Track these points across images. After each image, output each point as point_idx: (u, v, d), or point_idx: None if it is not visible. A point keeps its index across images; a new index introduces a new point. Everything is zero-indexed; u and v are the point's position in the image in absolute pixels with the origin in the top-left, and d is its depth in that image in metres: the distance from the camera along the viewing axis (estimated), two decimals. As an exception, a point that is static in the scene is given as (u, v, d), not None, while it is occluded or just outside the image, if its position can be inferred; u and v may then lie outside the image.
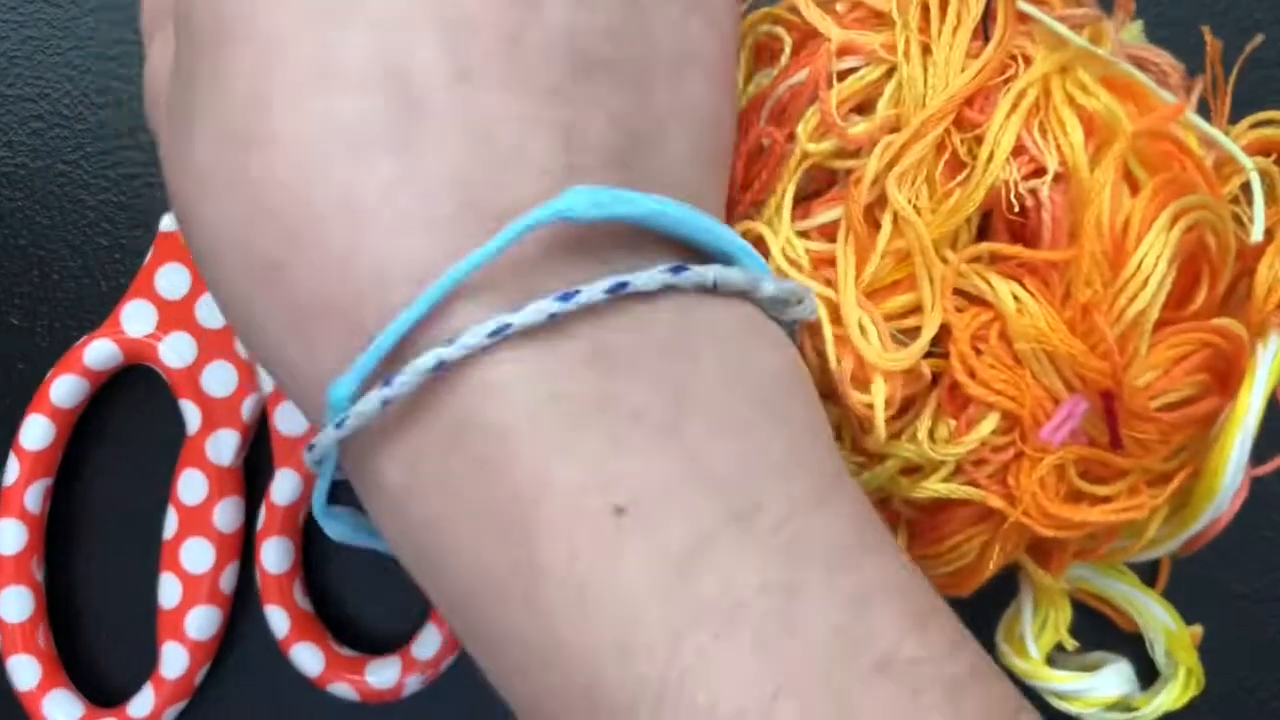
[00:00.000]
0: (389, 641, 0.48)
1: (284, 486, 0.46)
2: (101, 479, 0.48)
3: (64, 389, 0.46)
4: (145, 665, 0.47)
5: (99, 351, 0.46)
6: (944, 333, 0.33)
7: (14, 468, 0.46)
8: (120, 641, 0.48)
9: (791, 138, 0.34)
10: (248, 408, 0.46)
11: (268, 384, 0.46)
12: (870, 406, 0.32)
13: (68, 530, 0.48)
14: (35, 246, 0.48)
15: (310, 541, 0.48)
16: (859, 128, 0.33)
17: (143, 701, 0.46)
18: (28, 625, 0.46)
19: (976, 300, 0.33)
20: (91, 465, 0.48)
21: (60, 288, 0.48)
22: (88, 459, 0.48)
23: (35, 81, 0.48)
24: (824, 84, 0.33)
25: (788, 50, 0.35)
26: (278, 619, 0.46)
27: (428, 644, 0.46)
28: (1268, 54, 0.45)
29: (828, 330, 0.32)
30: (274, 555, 0.46)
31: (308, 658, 0.46)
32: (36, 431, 0.46)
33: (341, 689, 0.46)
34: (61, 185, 0.48)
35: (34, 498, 0.46)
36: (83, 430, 0.48)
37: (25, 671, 0.46)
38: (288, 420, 0.46)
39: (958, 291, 0.33)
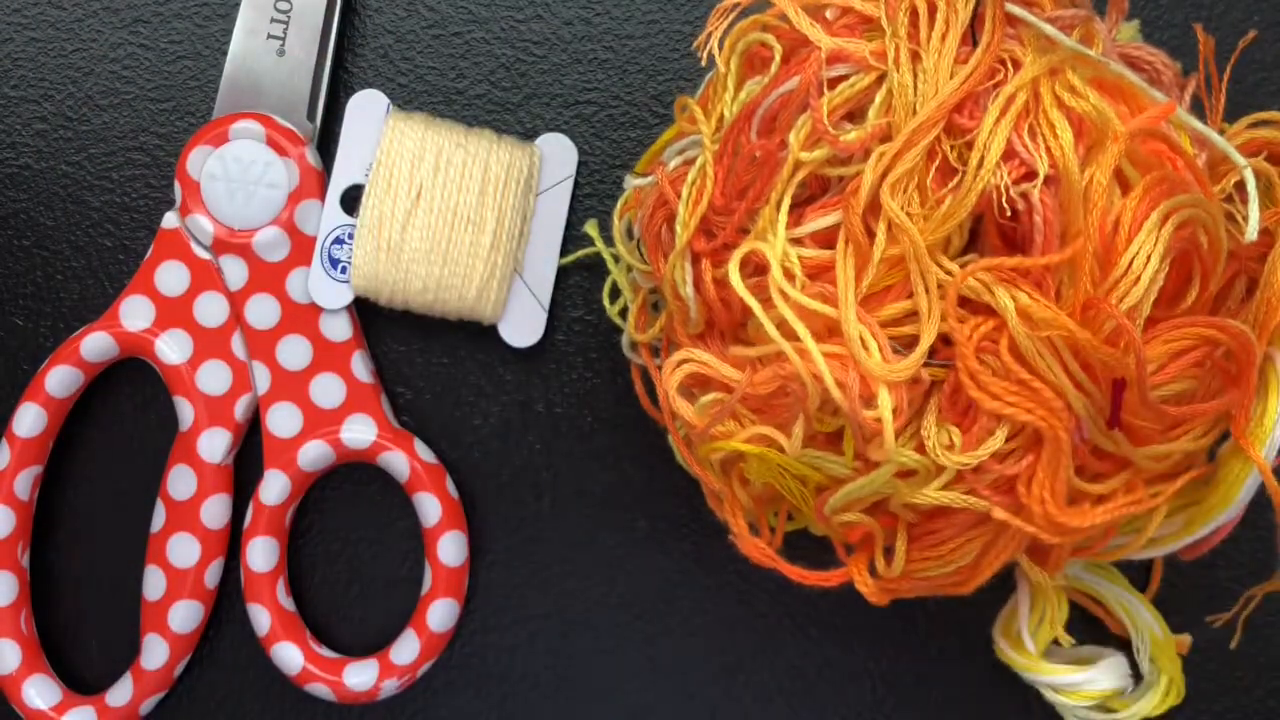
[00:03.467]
0: (368, 645, 0.48)
1: (272, 487, 0.46)
2: (92, 470, 0.49)
3: (58, 379, 0.46)
4: (126, 655, 0.47)
5: (95, 344, 0.46)
6: (938, 338, 0.33)
7: (4, 454, 0.46)
8: (102, 631, 0.48)
9: (783, 146, 0.35)
10: (240, 407, 0.47)
11: (261, 385, 0.46)
12: (880, 420, 0.32)
13: (56, 519, 0.48)
14: (39, 247, 0.49)
15: (295, 543, 0.48)
16: (851, 135, 0.34)
17: (121, 691, 0.46)
18: (11, 610, 0.46)
19: (978, 308, 0.33)
20: (83, 456, 0.49)
21: (64, 288, 0.49)
22: (79, 449, 0.49)
23: (39, 83, 0.49)
24: (815, 92, 0.34)
25: (777, 58, 0.35)
26: (260, 617, 0.46)
27: (406, 649, 0.46)
28: (1265, 55, 0.47)
29: (819, 356, 0.32)
30: (259, 554, 0.46)
31: (288, 656, 0.46)
32: (28, 419, 0.46)
33: (319, 689, 0.46)
34: (65, 186, 0.49)
35: (23, 485, 0.46)
36: (76, 421, 0.48)
37: (6, 655, 0.46)
38: (279, 421, 0.46)
39: (961, 301, 0.33)
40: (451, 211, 0.45)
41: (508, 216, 0.45)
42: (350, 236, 0.46)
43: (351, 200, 0.46)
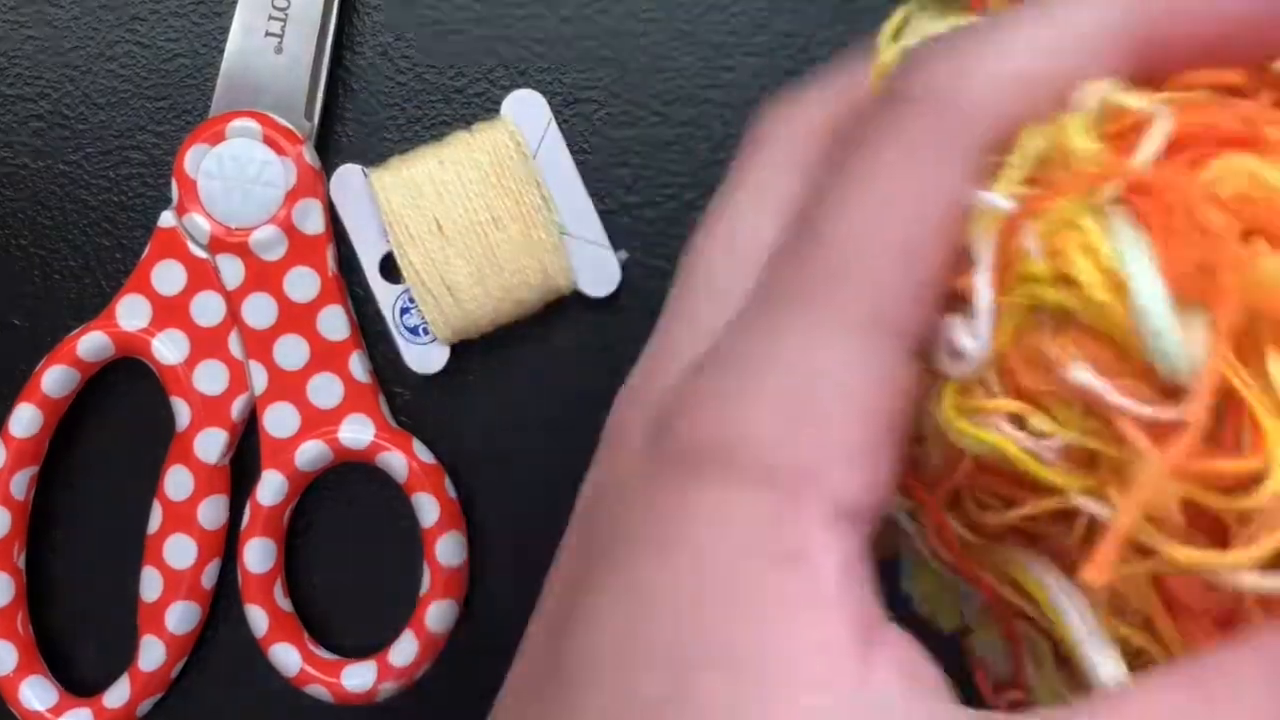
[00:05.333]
0: (366, 646, 0.48)
1: (269, 487, 0.46)
2: (88, 471, 0.49)
3: (54, 379, 0.46)
4: (123, 657, 0.47)
5: (91, 343, 0.46)
6: None
7: (0, 455, 0.46)
8: (99, 632, 0.48)
9: None
10: (237, 407, 0.47)
11: (258, 384, 0.46)
12: None
13: (52, 519, 0.48)
14: (37, 246, 0.49)
15: (293, 543, 0.48)
16: None
17: (118, 692, 0.46)
18: (7, 611, 0.46)
19: None
20: (79, 456, 0.48)
21: (61, 287, 0.49)
22: (75, 450, 0.48)
23: (36, 82, 0.49)
24: None
25: None
26: (257, 618, 0.46)
27: (404, 651, 0.46)
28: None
29: None
30: (256, 555, 0.46)
31: (285, 657, 0.46)
32: (24, 419, 0.46)
33: (317, 690, 0.46)
34: (63, 185, 0.49)
35: (19, 485, 0.46)
36: (72, 421, 0.48)
37: (2, 657, 0.46)
38: (276, 422, 0.46)
39: None
40: (471, 224, 0.45)
41: (522, 194, 0.45)
42: (411, 301, 0.46)
43: (391, 268, 0.46)
